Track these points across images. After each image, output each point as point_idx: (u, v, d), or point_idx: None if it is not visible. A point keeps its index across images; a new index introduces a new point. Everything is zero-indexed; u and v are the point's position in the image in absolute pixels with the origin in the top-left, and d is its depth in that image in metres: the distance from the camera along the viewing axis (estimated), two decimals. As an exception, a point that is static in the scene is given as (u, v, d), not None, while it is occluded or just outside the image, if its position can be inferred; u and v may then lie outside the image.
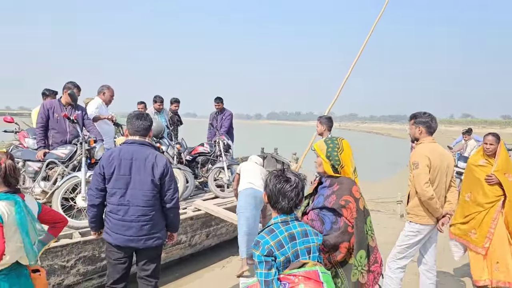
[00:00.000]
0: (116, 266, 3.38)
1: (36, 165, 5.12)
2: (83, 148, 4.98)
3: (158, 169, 3.29)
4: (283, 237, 2.17)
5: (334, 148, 2.67)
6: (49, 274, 3.97)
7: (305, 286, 2.09)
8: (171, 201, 3.36)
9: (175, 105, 8.82)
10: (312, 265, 2.20)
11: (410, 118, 4.09)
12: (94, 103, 6.42)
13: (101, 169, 3.29)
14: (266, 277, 2.10)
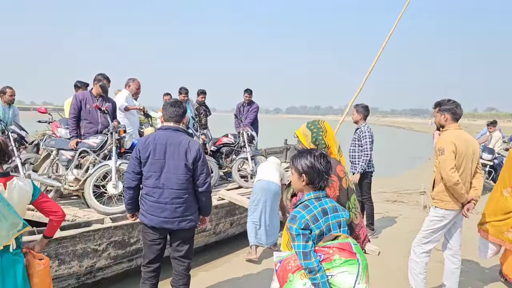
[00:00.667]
0: (151, 246, 3.55)
1: (69, 153, 5.31)
2: (114, 138, 5.15)
3: (191, 154, 3.43)
4: (317, 212, 2.30)
5: (319, 132, 2.75)
6: (82, 256, 4.14)
7: (340, 256, 2.21)
8: (203, 185, 3.50)
9: (202, 96, 8.96)
10: (344, 237, 2.32)
11: (435, 105, 4.09)
12: (122, 94, 6.67)
13: (137, 153, 3.46)
14: (304, 249, 2.20)
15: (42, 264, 2.84)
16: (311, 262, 2.18)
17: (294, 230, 2.24)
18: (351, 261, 2.20)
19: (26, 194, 2.70)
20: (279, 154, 11.65)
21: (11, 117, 6.81)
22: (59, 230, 4.09)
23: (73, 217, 4.77)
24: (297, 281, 2.22)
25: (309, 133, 2.76)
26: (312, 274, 2.17)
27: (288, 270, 2.28)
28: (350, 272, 2.17)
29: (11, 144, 5.75)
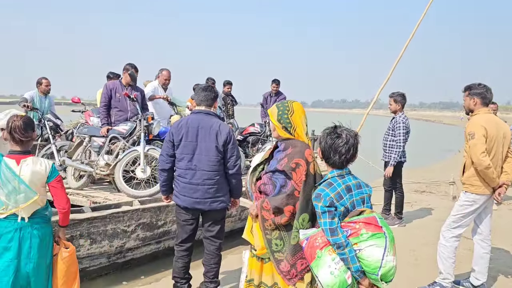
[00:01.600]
0: (184, 226, 3.68)
1: (100, 140, 5.51)
2: (142, 125, 5.29)
3: (221, 136, 3.52)
4: (341, 189, 2.33)
5: (284, 110, 2.67)
6: (112, 237, 4.30)
7: (367, 230, 2.23)
8: (234, 167, 3.59)
9: (228, 87, 9.06)
10: (370, 212, 2.33)
11: (465, 89, 4.01)
12: (151, 85, 6.87)
13: (171, 136, 3.59)
14: (330, 225, 2.25)
15: (67, 252, 3.02)
16: (338, 238, 2.21)
17: (320, 208, 2.27)
18: (378, 234, 2.21)
19: (39, 174, 2.84)
20: (307, 145, 11.64)
21: (47, 106, 7.10)
22: (91, 210, 4.27)
23: (103, 200, 4.94)
24: (326, 257, 2.25)
25: (275, 111, 2.70)
26: (341, 249, 2.21)
27: (315, 247, 2.30)
28: (378, 245, 2.19)
29: (47, 132, 6.01)
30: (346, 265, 2.21)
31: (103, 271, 4.44)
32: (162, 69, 6.99)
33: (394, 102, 6.16)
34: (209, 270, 3.75)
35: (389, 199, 6.42)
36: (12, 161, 2.79)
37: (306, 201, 2.52)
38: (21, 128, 2.81)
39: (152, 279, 4.57)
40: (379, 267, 2.16)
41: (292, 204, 2.55)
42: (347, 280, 2.20)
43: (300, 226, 2.51)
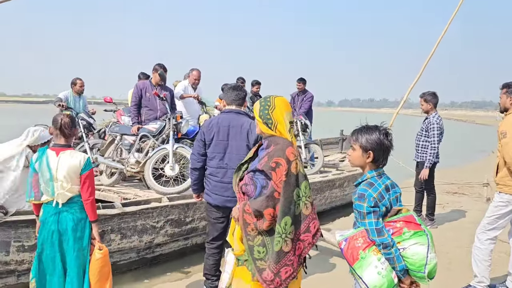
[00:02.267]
0: (215, 225, 3.71)
1: (131, 138, 5.65)
2: (171, 124, 5.37)
3: (252, 135, 3.55)
4: (381, 189, 2.30)
5: (265, 106, 2.51)
6: (142, 232, 4.40)
7: (408, 229, 2.21)
8: None
9: (257, 87, 9.06)
10: (406, 210, 2.31)
11: (503, 86, 3.88)
12: (181, 84, 7.01)
13: (202, 135, 3.63)
14: (376, 226, 2.21)
15: (100, 254, 3.18)
16: (385, 238, 2.18)
17: (365, 208, 2.22)
18: (420, 232, 2.20)
19: (75, 166, 3.08)
20: (335, 144, 11.56)
21: (81, 106, 7.31)
22: (121, 206, 4.37)
23: (133, 196, 5.05)
24: (371, 257, 2.20)
25: (257, 106, 2.56)
26: (387, 249, 2.18)
27: (357, 248, 2.24)
28: (421, 243, 2.19)
29: (80, 131, 6.19)
30: (392, 264, 2.19)
31: (132, 265, 4.54)
32: (192, 69, 7.09)
33: (425, 102, 6.02)
34: None
35: (420, 200, 6.28)
36: (52, 153, 3.08)
37: (288, 203, 2.35)
38: (69, 124, 3.12)
39: (181, 275, 4.64)
40: (424, 264, 2.16)
41: (272, 206, 2.36)
42: (394, 279, 2.18)
43: (283, 231, 2.33)
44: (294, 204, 2.34)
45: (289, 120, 2.51)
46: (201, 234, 5.08)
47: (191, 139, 6.26)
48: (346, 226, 6.38)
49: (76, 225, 3.11)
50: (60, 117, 3.14)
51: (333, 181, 7.22)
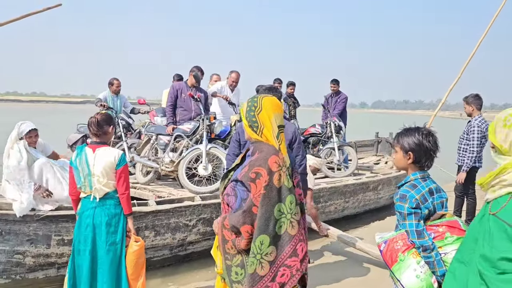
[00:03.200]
0: None
1: (166, 138, 5.81)
2: (205, 124, 5.47)
3: (287, 135, 3.57)
4: (425, 192, 2.26)
5: (251, 107, 2.24)
6: (175, 230, 4.52)
7: (451, 234, 2.16)
8: (300, 166, 3.61)
9: (291, 88, 9.05)
10: (450, 215, 2.26)
11: None
12: (219, 83, 7.14)
13: (237, 136, 3.70)
14: (417, 227, 2.18)
15: (137, 246, 3.33)
16: (425, 240, 2.15)
17: (406, 209, 2.20)
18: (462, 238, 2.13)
19: (110, 161, 3.25)
20: (370, 147, 11.37)
21: (119, 106, 7.55)
22: (156, 204, 4.51)
23: (167, 195, 5.19)
24: (410, 260, 2.17)
25: (244, 107, 2.32)
26: (427, 252, 2.14)
27: (397, 250, 2.21)
28: None
29: (119, 130, 6.41)
30: (432, 268, 2.14)
31: (165, 262, 4.68)
32: (231, 71, 7.21)
33: (467, 104, 5.86)
34: None
35: (460, 205, 6.10)
36: (90, 150, 3.28)
37: (265, 220, 2.07)
38: (95, 124, 3.29)
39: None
40: None
41: (249, 223, 2.10)
42: (433, 284, 2.13)
43: (257, 251, 2.05)
44: (274, 221, 2.07)
45: (279, 124, 2.25)
46: (233, 234, 5.15)
47: (223, 139, 6.36)
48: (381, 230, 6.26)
49: (110, 220, 3.25)
50: (91, 117, 3.34)
51: (366, 184, 7.12)
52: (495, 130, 1.83)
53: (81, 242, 3.26)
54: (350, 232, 6.42)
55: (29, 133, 4.12)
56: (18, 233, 3.86)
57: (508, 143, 1.78)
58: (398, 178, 7.78)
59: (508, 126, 1.77)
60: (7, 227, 3.82)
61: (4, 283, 3.95)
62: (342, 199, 6.63)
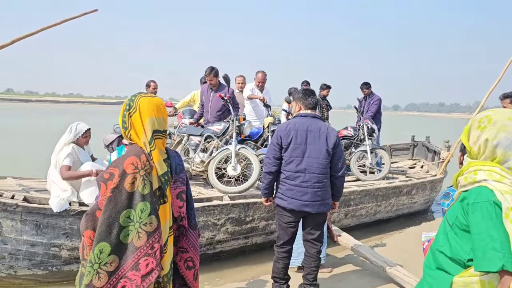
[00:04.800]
0: (287, 229, 3.74)
1: (197, 139, 5.93)
2: (234, 125, 5.53)
3: (331, 139, 3.60)
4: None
5: (127, 106, 2.03)
6: (204, 228, 4.59)
7: None
8: (341, 170, 3.65)
9: (327, 90, 9.00)
10: None
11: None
12: (248, 86, 7.25)
13: (279, 139, 3.67)
14: None
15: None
16: None
17: (447, 205, 2.34)
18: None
19: None
20: (406, 151, 11.11)
21: None
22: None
23: (197, 194, 5.29)
24: None
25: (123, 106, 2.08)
26: None
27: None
28: None
29: None
30: None
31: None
32: (257, 72, 7.30)
33: (510, 104, 5.62)
34: (309, 273, 3.80)
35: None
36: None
37: (108, 226, 1.86)
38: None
39: (243, 273, 4.77)
40: None
41: (91, 228, 1.90)
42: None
43: (95, 259, 1.84)
44: (119, 228, 1.87)
45: (156, 129, 2.00)
46: (261, 234, 5.18)
47: (255, 140, 6.41)
48: (415, 236, 6.12)
49: None
50: None
51: (399, 188, 6.97)
52: (469, 131, 1.78)
53: None
54: (384, 238, 6.30)
55: (85, 132, 4.33)
56: (55, 227, 4.04)
57: (477, 146, 1.73)
58: (433, 182, 7.57)
59: (481, 128, 1.71)
60: (45, 220, 4.01)
61: (42, 274, 4.14)
62: (374, 203, 6.53)
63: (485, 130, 1.68)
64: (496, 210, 1.57)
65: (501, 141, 1.65)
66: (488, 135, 1.67)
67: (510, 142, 1.64)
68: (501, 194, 1.57)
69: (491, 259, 1.52)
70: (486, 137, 1.68)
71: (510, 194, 1.56)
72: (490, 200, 1.58)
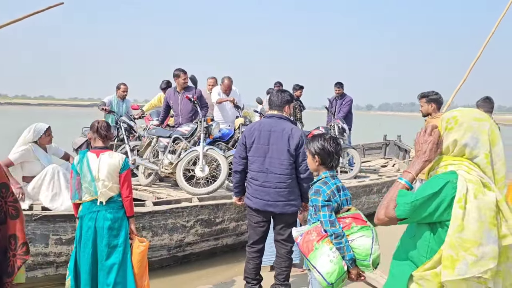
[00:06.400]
0: (256, 229, 3.77)
1: (166, 141, 5.85)
2: (202, 126, 5.48)
3: (293, 140, 3.60)
4: (334, 188, 2.66)
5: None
6: (172, 230, 4.55)
7: (356, 224, 2.56)
8: (306, 171, 3.63)
9: (300, 91, 9.04)
10: (355, 209, 2.66)
11: (422, 96, 4.46)
12: (215, 90, 7.24)
13: (244, 139, 3.74)
14: (330, 218, 2.53)
15: (143, 246, 3.42)
16: (337, 228, 2.50)
17: (320, 202, 2.57)
18: (365, 227, 2.54)
19: (114, 165, 3.35)
20: (378, 150, 11.30)
21: (125, 110, 7.63)
22: (153, 204, 4.56)
23: (166, 196, 5.23)
24: (324, 247, 2.51)
25: None
26: (338, 239, 2.49)
27: (312, 240, 2.56)
28: (367, 236, 2.51)
29: (122, 133, 6.49)
30: (342, 253, 2.49)
31: (163, 262, 4.71)
32: (223, 78, 7.34)
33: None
34: (280, 273, 3.82)
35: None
36: (93, 155, 3.36)
37: None
38: (105, 127, 3.42)
39: (213, 275, 4.74)
40: (369, 254, 2.47)
41: None
42: (343, 267, 2.49)
43: None
44: None
45: None
46: (231, 235, 5.16)
47: (226, 141, 6.39)
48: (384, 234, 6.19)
49: (113, 224, 3.33)
50: (97, 122, 3.45)
51: (370, 186, 7.07)
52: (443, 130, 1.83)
53: (82, 245, 3.33)
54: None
55: (46, 131, 4.35)
56: (17, 233, 3.92)
57: (446, 145, 1.80)
58: (403, 180, 7.69)
59: (448, 128, 1.79)
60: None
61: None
62: (344, 202, 6.60)
63: (452, 131, 1.75)
64: (446, 188, 1.64)
65: (468, 141, 1.73)
66: (456, 136, 1.75)
67: (476, 141, 1.72)
68: (464, 180, 1.63)
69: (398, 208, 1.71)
70: (454, 138, 1.75)
71: (473, 184, 1.62)
72: (447, 178, 1.66)
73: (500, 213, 1.62)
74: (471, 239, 1.56)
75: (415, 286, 1.72)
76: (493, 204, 1.60)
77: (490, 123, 1.73)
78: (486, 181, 1.64)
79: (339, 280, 2.47)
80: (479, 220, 1.57)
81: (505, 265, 1.67)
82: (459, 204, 1.59)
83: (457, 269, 1.56)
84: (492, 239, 1.57)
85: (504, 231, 1.61)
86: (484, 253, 1.56)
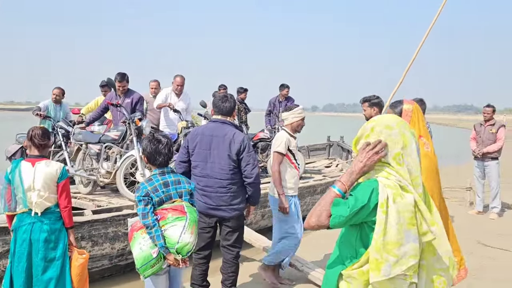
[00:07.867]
0: (201, 234, 3.69)
1: (96, 147, 5.57)
2: (132, 128, 5.26)
3: (234, 145, 3.57)
4: (158, 184, 2.92)
5: None
6: (114, 239, 4.38)
7: (172, 215, 2.85)
8: (251, 176, 3.61)
9: (244, 94, 9.02)
10: (180, 201, 2.94)
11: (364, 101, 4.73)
12: (163, 92, 7.05)
13: (186, 143, 3.72)
14: (143, 211, 2.85)
15: (82, 258, 3.29)
16: (147, 220, 2.81)
17: (137, 197, 2.88)
18: (181, 217, 2.83)
19: (51, 175, 3.21)
20: (322, 151, 11.57)
21: (62, 115, 7.22)
22: (92, 213, 4.35)
23: (107, 204, 5.02)
24: (139, 236, 2.85)
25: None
26: (149, 229, 2.81)
27: (134, 230, 2.91)
28: (178, 226, 2.81)
29: (59, 139, 6.13)
30: (153, 242, 2.80)
31: (105, 272, 4.53)
32: (176, 76, 7.10)
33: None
34: (226, 278, 3.80)
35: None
36: (28, 164, 3.19)
37: None
38: (40, 135, 3.23)
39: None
40: (176, 242, 2.77)
41: None
42: (152, 254, 2.80)
43: None
44: None
45: None
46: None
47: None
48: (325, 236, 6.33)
49: (50, 236, 3.17)
50: (32, 129, 3.28)
51: (314, 187, 7.23)
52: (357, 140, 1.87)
53: (16, 259, 3.15)
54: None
55: None
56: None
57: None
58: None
59: (366, 136, 1.83)
60: None
61: None
62: (289, 203, 6.67)
63: (368, 138, 1.81)
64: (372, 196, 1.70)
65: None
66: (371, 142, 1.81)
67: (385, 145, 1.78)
68: (384, 186, 1.71)
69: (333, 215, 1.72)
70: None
71: (391, 189, 1.71)
72: (372, 186, 1.73)
73: (419, 213, 1.72)
74: (393, 241, 1.65)
75: (344, 284, 1.79)
76: (411, 206, 1.69)
77: (399, 129, 1.77)
78: (404, 184, 1.72)
79: (146, 266, 2.79)
80: (398, 223, 1.66)
81: (431, 258, 1.78)
82: (382, 209, 1.67)
83: (382, 271, 1.65)
84: (412, 238, 1.67)
85: (425, 228, 1.71)
86: (404, 252, 1.66)
